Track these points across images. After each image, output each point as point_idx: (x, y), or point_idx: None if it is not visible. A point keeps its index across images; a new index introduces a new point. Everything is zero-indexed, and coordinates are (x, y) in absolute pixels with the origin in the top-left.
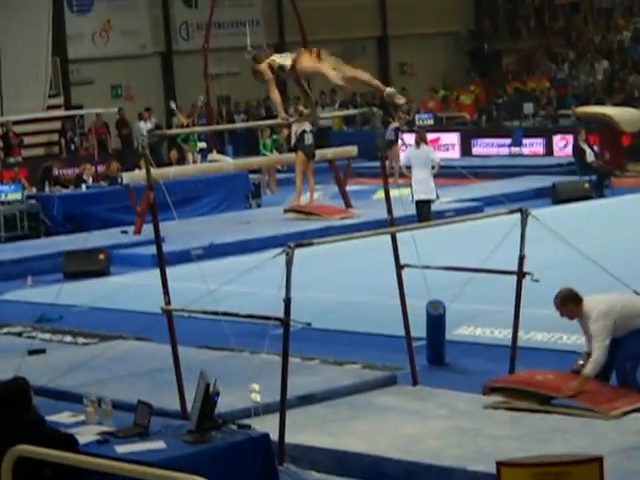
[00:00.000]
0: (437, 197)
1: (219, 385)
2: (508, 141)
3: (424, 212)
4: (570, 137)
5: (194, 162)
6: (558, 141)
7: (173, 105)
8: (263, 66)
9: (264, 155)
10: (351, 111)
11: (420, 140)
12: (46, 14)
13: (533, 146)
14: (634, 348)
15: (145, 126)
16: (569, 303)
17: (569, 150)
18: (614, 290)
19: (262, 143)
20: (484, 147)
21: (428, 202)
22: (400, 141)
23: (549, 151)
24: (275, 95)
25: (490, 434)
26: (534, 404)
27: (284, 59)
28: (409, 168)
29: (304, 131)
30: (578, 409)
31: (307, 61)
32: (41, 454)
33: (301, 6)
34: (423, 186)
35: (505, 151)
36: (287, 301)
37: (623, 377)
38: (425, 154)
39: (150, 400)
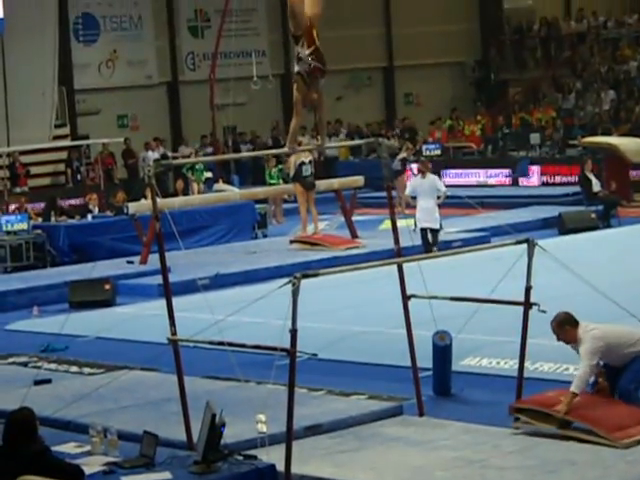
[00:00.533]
0: (441, 227)
1: (225, 416)
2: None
3: (429, 240)
4: (536, 168)
5: (199, 192)
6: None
7: (168, 154)
8: (295, 85)
9: (270, 185)
10: (357, 141)
11: (425, 169)
12: (52, 44)
13: (498, 176)
14: (636, 374)
15: (153, 155)
16: (566, 326)
17: (534, 180)
18: (621, 320)
19: (268, 173)
20: (453, 177)
21: (433, 230)
22: (409, 171)
23: (515, 181)
24: (294, 122)
25: (497, 465)
26: (554, 426)
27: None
28: (414, 198)
29: (302, 162)
30: (591, 434)
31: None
32: None
33: None
34: (427, 215)
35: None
36: (293, 332)
37: (627, 400)
38: (430, 183)
39: (156, 431)
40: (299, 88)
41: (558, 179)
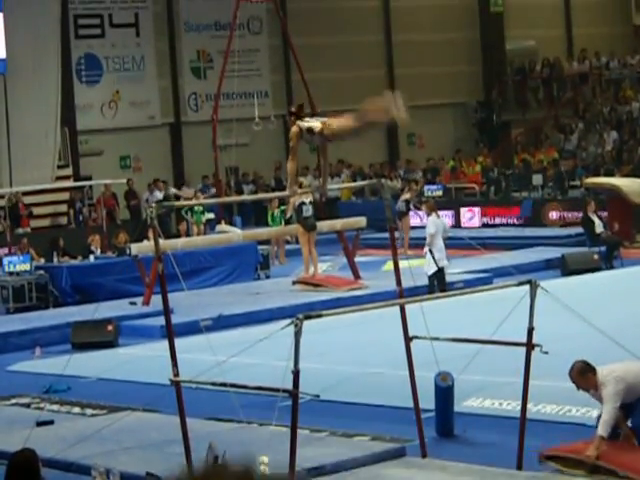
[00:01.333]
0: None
1: (228, 457)
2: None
3: (444, 279)
4: (476, 209)
5: (199, 234)
6: (465, 212)
7: (173, 190)
8: (293, 130)
9: (272, 226)
10: (360, 183)
11: (435, 209)
12: (55, 85)
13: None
14: None
15: (157, 196)
16: (588, 374)
17: (475, 221)
18: (623, 361)
19: (270, 214)
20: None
21: (443, 269)
22: (412, 212)
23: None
24: (291, 165)
25: None
26: (584, 472)
27: (314, 122)
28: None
29: (302, 203)
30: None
31: (334, 120)
32: None
33: (309, 77)
34: (443, 254)
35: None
36: (296, 373)
37: None
38: (443, 223)
39: (158, 472)
40: (294, 137)
41: (498, 220)
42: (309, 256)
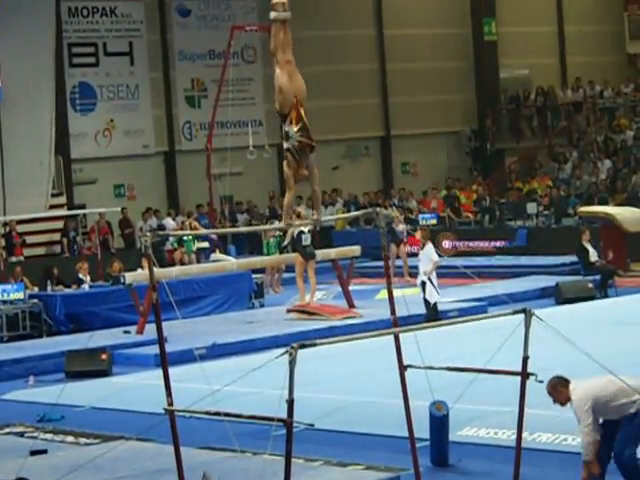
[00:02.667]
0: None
1: None
2: None
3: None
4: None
5: (190, 263)
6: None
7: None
8: (285, 162)
9: (267, 255)
10: (354, 213)
11: (430, 238)
12: (49, 113)
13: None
14: (628, 437)
15: (173, 224)
16: (558, 387)
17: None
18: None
19: (266, 243)
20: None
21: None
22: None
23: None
24: (287, 197)
25: None
26: None
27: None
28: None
29: (301, 232)
30: None
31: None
32: None
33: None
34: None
35: None
36: (290, 402)
37: (621, 465)
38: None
39: None
40: (289, 164)
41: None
42: (304, 285)
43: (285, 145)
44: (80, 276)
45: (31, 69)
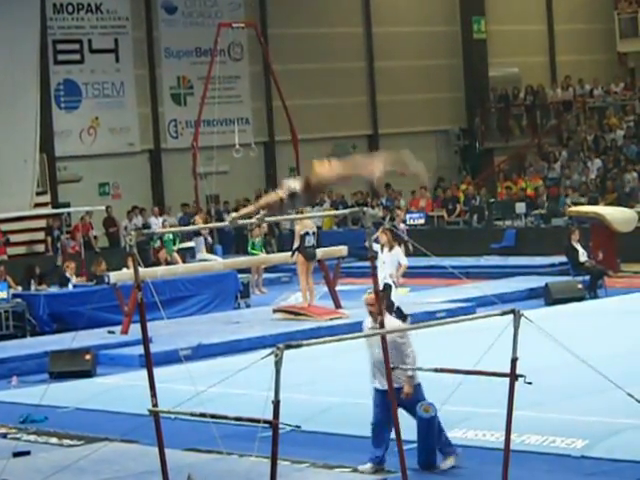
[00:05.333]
0: None
1: None
2: None
3: None
4: None
5: (167, 263)
6: None
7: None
8: (272, 196)
9: (252, 254)
10: (341, 211)
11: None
12: (34, 111)
13: None
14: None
15: (157, 222)
16: None
17: None
18: (608, 392)
19: (251, 243)
20: None
21: None
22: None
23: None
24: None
25: None
26: None
27: (293, 183)
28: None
29: (307, 232)
30: None
31: (322, 169)
32: None
33: (291, 104)
34: None
35: None
36: (276, 403)
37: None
38: None
39: None
40: (269, 207)
41: None
42: (306, 285)
43: (283, 196)
44: (67, 275)
45: (15, 66)
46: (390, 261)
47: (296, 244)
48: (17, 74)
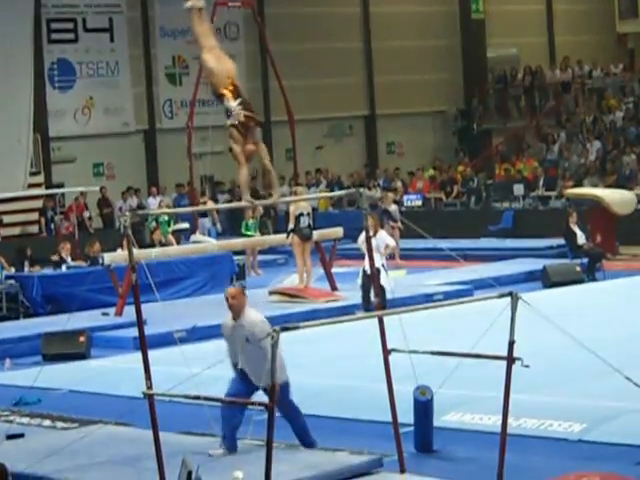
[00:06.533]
0: None
1: (201, 473)
2: None
3: None
4: None
5: (162, 244)
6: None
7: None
8: (229, 135)
9: (246, 236)
10: (337, 192)
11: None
12: (27, 90)
13: None
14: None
15: (155, 201)
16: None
17: None
18: (606, 376)
19: (244, 224)
20: None
21: None
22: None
23: None
24: (241, 174)
25: None
26: None
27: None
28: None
29: (301, 213)
30: None
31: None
32: None
33: (287, 85)
34: None
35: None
36: (272, 386)
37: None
38: None
39: None
40: (236, 140)
41: None
42: (303, 266)
43: (228, 122)
44: (63, 255)
45: (9, 45)
46: (376, 245)
47: (291, 225)
48: (10, 54)
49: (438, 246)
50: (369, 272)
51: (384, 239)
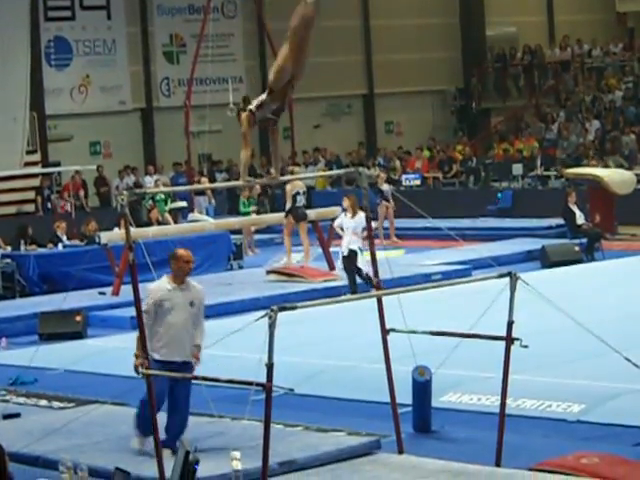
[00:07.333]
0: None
1: (199, 452)
2: None
3: None
4: None
5: (158, 223)
6: None
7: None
8: (243, 116)
9: (244, 214)
10: (336, 171)
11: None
12: (24, 68)
13: None
14: None
15: (151, 180)
16: None
17: None
18: (604, 356)
19: (242, 202)
20: None
21: None
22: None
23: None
24: (243, 154)
25: None
26: None
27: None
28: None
29: (297, 192)
30: None
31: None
32: None
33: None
34: None
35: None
36: (269, 366)
37: None
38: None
39: (128, 467)
40: (249, 124)
41: None
42: (291, 245)
43: (253, 108)
44: (58, 234)
45: (5, 23)
46: (353, 227)
47: (288, 204)
48: (7, 32)
49: (437, 225)
50: (346, 254)
51: (362, 222)
